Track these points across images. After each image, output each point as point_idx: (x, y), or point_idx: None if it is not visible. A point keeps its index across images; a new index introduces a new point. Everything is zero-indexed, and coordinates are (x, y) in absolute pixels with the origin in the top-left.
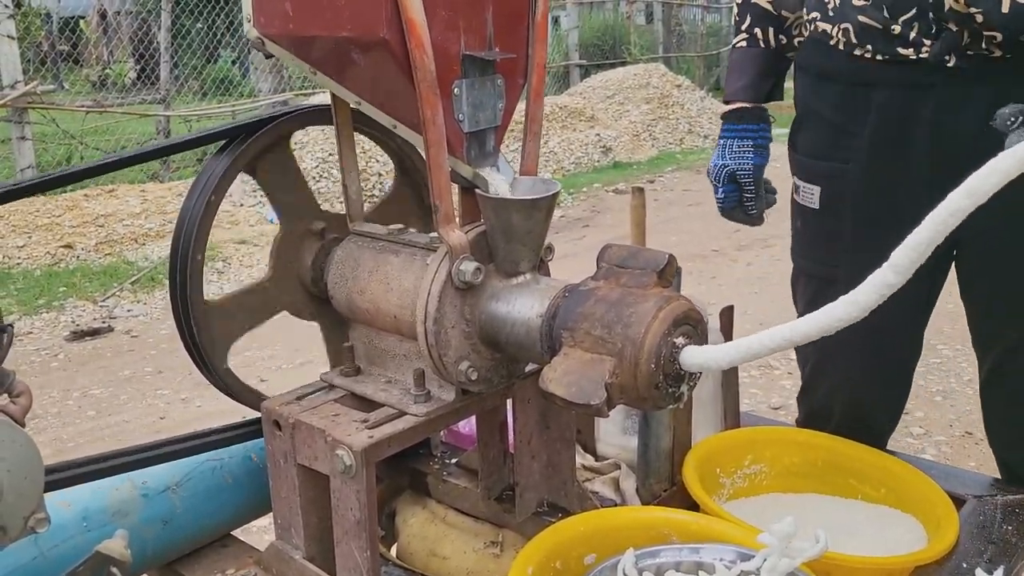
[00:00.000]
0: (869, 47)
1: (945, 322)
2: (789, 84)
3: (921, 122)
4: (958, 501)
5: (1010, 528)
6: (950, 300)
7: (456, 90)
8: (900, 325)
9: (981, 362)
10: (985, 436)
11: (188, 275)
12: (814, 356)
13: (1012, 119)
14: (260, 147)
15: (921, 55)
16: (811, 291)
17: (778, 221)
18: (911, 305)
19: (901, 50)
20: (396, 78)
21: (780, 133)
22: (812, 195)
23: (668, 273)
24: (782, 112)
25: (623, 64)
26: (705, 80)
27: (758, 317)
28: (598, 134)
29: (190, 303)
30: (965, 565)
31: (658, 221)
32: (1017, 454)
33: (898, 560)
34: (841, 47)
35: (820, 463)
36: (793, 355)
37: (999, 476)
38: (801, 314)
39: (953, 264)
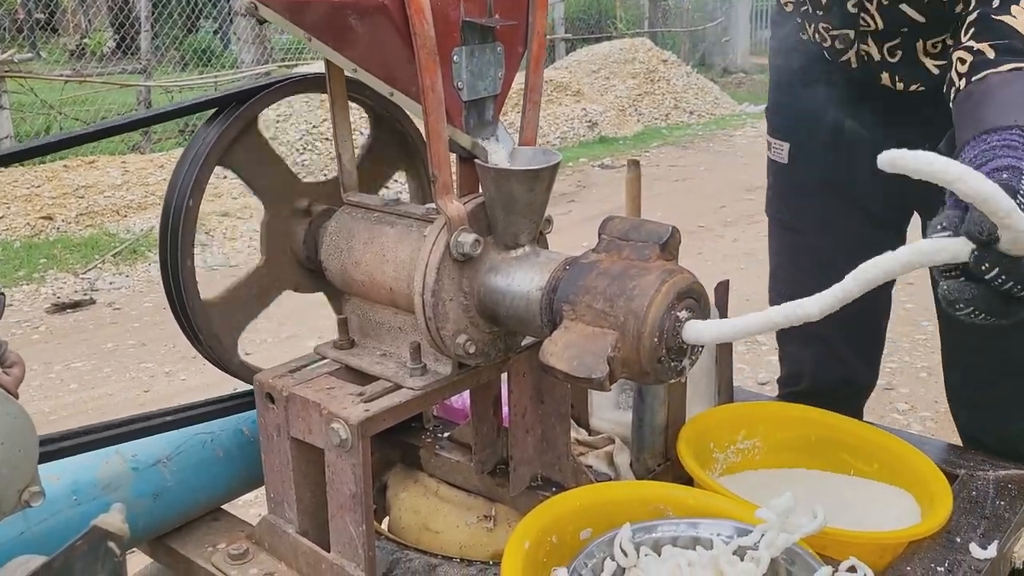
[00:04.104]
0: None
1: (930, 299)
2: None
3: (877, 84)
4: (950, 476)
5: (1003, 503)
6: None
7: (455, 57)
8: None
9: (942, 336)
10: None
11: (179, 243)
12: None
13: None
14: (247, 120)
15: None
16: (784, 241)
17: (764, 197)
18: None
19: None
20: (395, 45)
21: (758, 111)
22: (781, 151)
23: (671, 246)
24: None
25: (609, 38)
26: (691, 56)
27: (745, 292)
28: (584, 109)
29: (181, 274)
30: (959, 540)
31: (644, 196)
32: (974, 418)
33: (892, 535)
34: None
35: (813, 438)
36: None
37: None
38: (773, 263)
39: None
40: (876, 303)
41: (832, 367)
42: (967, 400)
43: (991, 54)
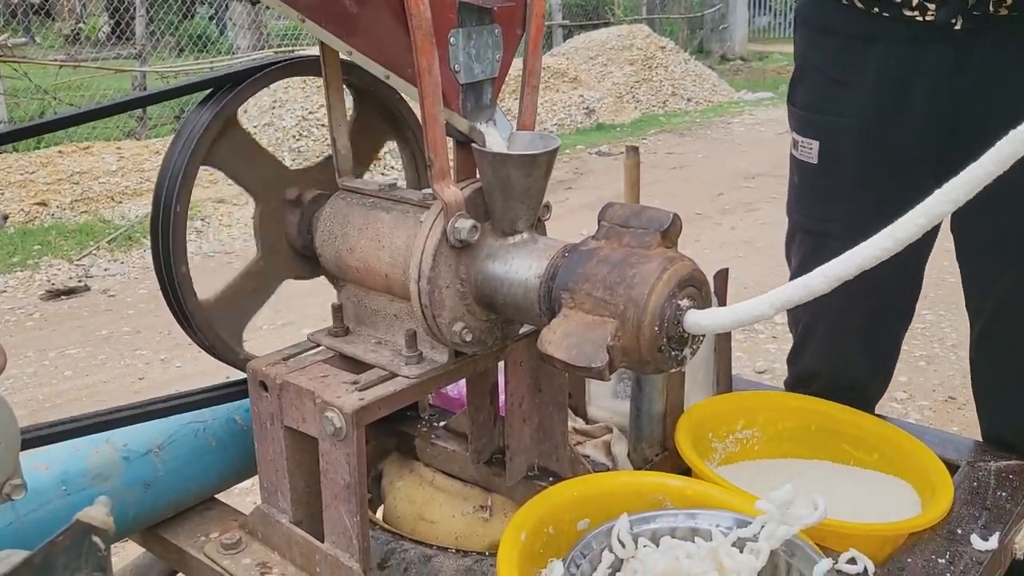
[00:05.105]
0: (876, 8)
1: (929, 287)
2: (783, 48)
3: (920, 77)
4: (951, 467)
5: (1004, 494)
6: (933, 267)
7: (452, 39)
8: (887, 292)
9: (972, 324)
10: (968, 400)
11: (171, 230)
12: (805, 316)
13: None
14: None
15: (927, 17)
16: (807, 247)
17: (762, 185)
18: (898, 273)
19: (906, 12)
20: (390, 26)
21: (765, 97)
22: (810, 150)
23: (672, 233)
24: (780, 74)
25: (606, 25)
26: (689, 42)
27: (743, 281)
28: (581, 95)
29: (173, 261)
30: (960, 531)
31: (641, 184)
32: (1001, 417)
33: (892, 526)
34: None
35: (813, 428)
36: (778, 319)
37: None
38: (794, 271)
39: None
40: (896, 312)
41: (841, 378)
42: (994, 397)
43: None
